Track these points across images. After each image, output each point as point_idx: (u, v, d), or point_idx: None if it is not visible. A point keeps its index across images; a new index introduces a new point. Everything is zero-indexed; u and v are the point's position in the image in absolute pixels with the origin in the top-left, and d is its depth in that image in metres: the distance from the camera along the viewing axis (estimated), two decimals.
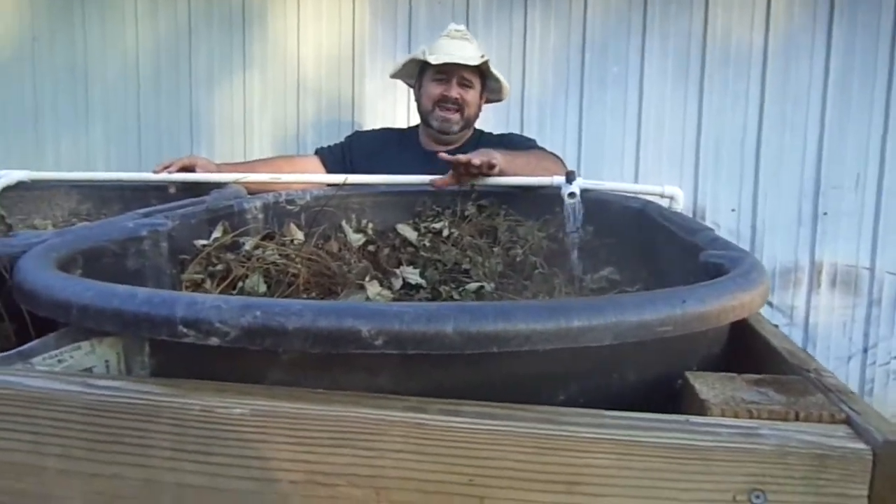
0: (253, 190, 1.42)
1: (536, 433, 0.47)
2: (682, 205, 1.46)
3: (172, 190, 1.50)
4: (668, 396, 0.61)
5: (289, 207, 1.34)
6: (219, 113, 2.74)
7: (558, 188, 1.37)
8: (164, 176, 1.52)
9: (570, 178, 1.37)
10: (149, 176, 1.55)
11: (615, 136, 2.58)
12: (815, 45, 2.46)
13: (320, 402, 0.50)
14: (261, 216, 1.27)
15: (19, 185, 1.51)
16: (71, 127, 2.81)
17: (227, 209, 1.19)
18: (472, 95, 1.95)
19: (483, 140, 1.99)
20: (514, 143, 1.93)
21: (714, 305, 0.57)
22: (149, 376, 0.56)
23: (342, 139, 2.08)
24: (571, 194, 1.33)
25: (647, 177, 2.56)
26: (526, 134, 2.39)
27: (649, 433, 0.46)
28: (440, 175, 1.46)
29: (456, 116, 1.92)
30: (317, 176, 1.62)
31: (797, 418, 0.50)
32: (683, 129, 2.55)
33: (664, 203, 1.41)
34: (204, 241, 1.01)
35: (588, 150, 2.58)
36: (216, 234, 1.03)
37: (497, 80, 1.99)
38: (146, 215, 1.01)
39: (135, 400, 0.50)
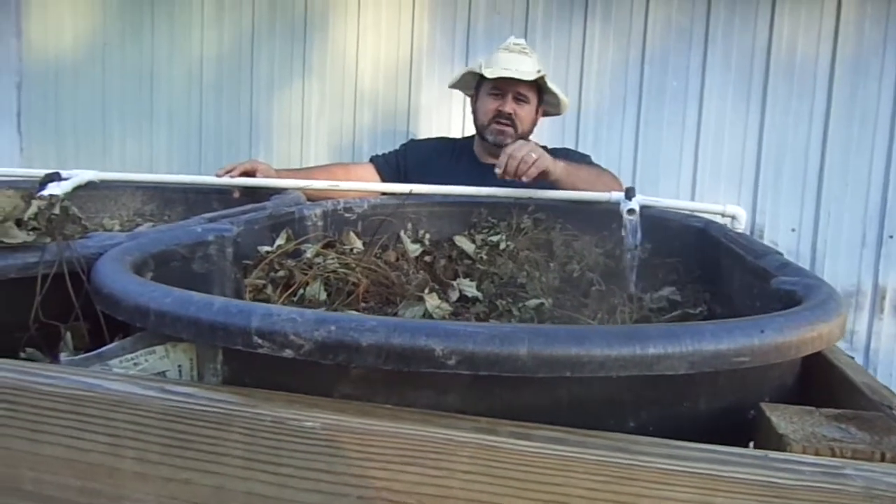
0: (311, 196, 1.44)
1: (609, 461, 0.46)
2: (744, 224, 1.43)
3: (236, 194, 1.53)
4: (739, 427, 0.59)
5: (347, 215, 1.36)
6: (277, 119, 2.79)
7: (616, 204, 1.36)
8: (226, 180, 1.55)
9: (629, 194, 1.35)
10: (211, 179, 1.58)
11: (672, 152, 2.54)
12: (885, 62, 2.38)
13: (390, 418, 0.50)
14: (320, 223, 1.29)
15: (88, 185, 1.56)
16: (136, 129, 2.90)
17: (288, 216, 1.20)
18: (526, 111, 1.94)
19: None
20: (569, 157, 1.92)
21: (793, 336, 0.55)
22: (221, 383, 0.57)
23: (397, 147, 2.10)
24: (631, 210, 1.31)
25: (704, 193, 2.51)
26: (581, 148, 2.38)
27: (728, 467, 0.45)
28: (494, 187, 1.47)
29: (510, 130, 1.91)
30: (382, 185, 1.62)
31: (883, 459, 0.48)
32: (743, 145, 2.50)
33: (725, 222, 1.38)
34: (267, 248, 1.02)
35: (644, 165, 2.55)
36: (280, 241, 1.05)
37: (554, 95, 1.97)
38: (212, 220, 1.03)
39: (209, 408, 0.51)
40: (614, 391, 0.54)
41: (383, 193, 1.51)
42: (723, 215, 1.43)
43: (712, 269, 1.15)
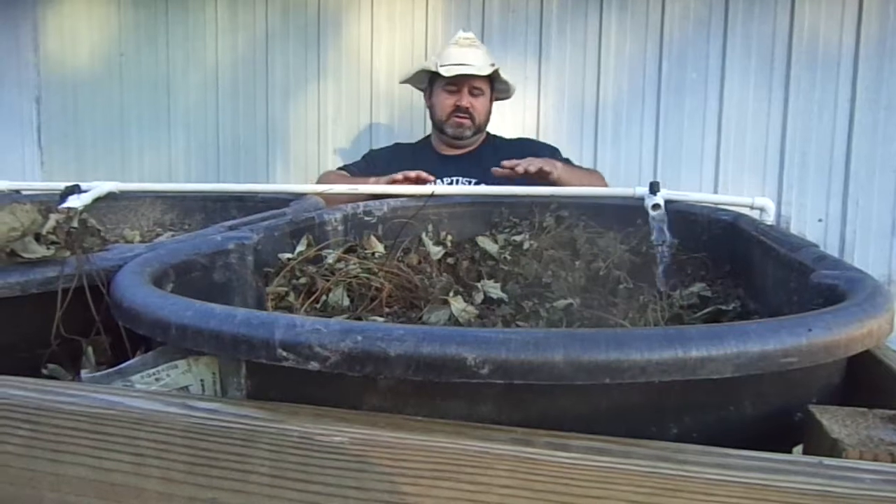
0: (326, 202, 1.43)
1: (654, 472, 0.44)
2: (772, 217, 1.39)
3: None
4: (785, 430, 0.56)
5: (367, 219, 1.34)
6: (294, 123, 2.79)
7: (640, 199, 1.33)
8: (238, 187, 1.55)
9: (653, 188, 1.32)
10: (229, 187, 1.58)
11: (694, 144, 2.49)
12: None
13: (421, 431, 0.48)
14: (340, 228, 1.27)
15: (108, 196, 1.56)
16: (154, 139, 2.91)
17: (308, 221, 1.19)
18: (482, 102, 2.04)
19: (498, 144, 2.10)
20: (535, 149, 1.96)
21: (842, 334, 0.52)
22: (245, 397, 0.55)
23: (359, 159, 2.16)
24: (656, 206, 1.28)
25: (727, 186, 2.47)
26: (601, 143, 2.37)
27: (781, 477, 0.42)
28: (515, 186, 1.48)
29: (468, 123, 2.02)
30: (403, 187, 1.60)
31: None
32: (767, 135, 2.45)
33: (753, 215, 1.34)
34: (288, 255, 1.01)
35: (665, 159, 2.51)
36: (300, 247, 1.03)
37: (504, 82, 2.07)
38: (232, 228, 1.02)
39: (234, 424, 0.49)
40: (655, 397, 0.51)
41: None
42: (751, 207, 1.39)
43: (744, 263, 1.12)
